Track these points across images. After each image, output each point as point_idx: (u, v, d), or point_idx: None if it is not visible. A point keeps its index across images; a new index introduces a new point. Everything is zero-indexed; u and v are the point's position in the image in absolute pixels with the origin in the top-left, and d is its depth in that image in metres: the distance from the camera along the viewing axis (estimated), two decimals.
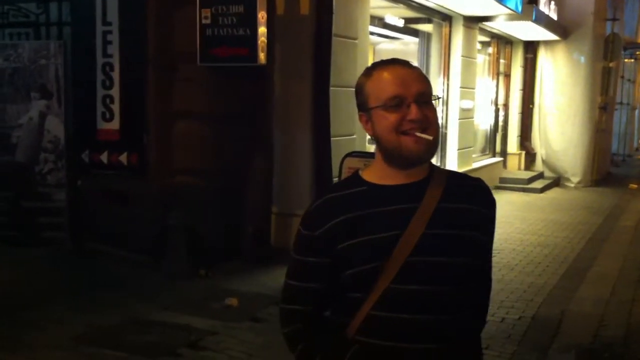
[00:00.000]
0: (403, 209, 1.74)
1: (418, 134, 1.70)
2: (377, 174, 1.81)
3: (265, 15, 6.18)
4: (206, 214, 6.57)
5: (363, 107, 1.80)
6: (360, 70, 8.31)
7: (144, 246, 6.53)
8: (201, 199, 6.53)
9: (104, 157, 6.91)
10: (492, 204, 1.88)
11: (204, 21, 6.21)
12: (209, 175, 6.59)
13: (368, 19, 8.27)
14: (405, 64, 1.78)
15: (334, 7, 7.03)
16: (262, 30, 6.13)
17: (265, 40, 6.21)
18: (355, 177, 1.85)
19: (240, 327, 5.06)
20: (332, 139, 7.13)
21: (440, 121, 11.47)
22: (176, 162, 6.71)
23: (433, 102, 1.77)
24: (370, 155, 8.15)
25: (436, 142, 1.75)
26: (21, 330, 4.89)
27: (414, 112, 1.69)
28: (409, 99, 1.70)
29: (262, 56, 6.16)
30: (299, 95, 7.21)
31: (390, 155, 1.76)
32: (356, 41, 7.81)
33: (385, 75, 1.75)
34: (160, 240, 6.49)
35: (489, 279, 1.92)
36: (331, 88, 7.11)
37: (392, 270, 1.70)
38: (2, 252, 6.92)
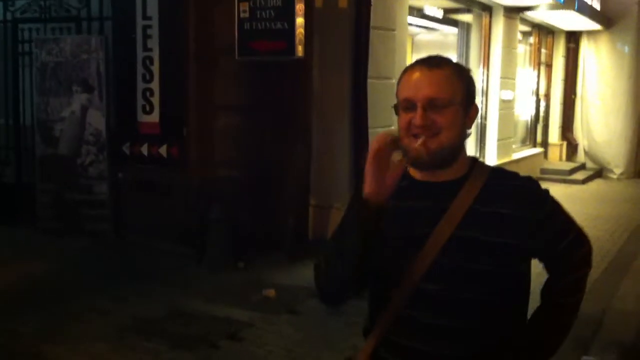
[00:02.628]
0: (436, 207, 1.72)
1: (417, 144, 1.68)
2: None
3: (303, 8, 6.18)
4: (246, 206, 6.62)
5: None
6: (398, 61, 8.23)
7: (185, 238, 6.60)
8: (241, 191, 6.57)
9: (144, 150, 7.01)
10: (540, 203, 1.79)
11: (242, 15, 6.23)
12: (248, 167, 6.64)
13: (407, 10, 8.21)
14: (431, 63, 1.74)
15: None
16: (300, 22, 6.14)
17: (303, 33, 6.21)
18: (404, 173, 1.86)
19: (279, 319, 5.10)
20: (370, 130, 7.11)
21: (479, 112, 11.37)
22: (216, 155, 6.78)
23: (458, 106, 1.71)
24: None
25: (446, 147, 1.70)
26: (65, 321, 4.99)
27: (417, 117, 1.67)
28: (417, 104, 1.68)
29: (299, 49, 6.16)
30: (338, 88, 7.18)
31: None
32: (394, 32, 7.75)
33: (408, 75, 1.75)
34: (201, 233, 6.56)
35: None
36: (369, 80, 7.07)
37: (419, 270, 1.70)
38: (45, 242, 7.07)
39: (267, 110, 6.71)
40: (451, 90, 1.71)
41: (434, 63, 1.74)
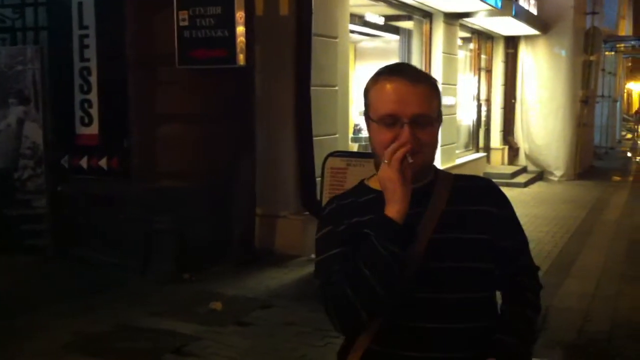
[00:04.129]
0: (409, 214, 1.66)
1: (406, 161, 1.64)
2: None
3: (243, 16, 6.12)
4: (191, 217, 6.50)
5: (366, 113, 1.76)
6: (341, 68, 8.24)
7: (129, 250, 6.46)
8: (186, 201, 6.46)
9: (83, 162, 6.86)
10: (503, 202, 1.83)
11: (181, 23, 6.14)
12: (192, 177, 6.53)
13: (348, 18, 8.24)
14: (412, 76, 1.70)
15: (313, 6, 7.00)
16: (240, 30, 6.08)
17: (245, 41, 6.16)
18: (362, 186, 1.84)
19: (225, 331, 5.02)
20: (314, 138, 7.10)
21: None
22: (159, 165, 6.65)
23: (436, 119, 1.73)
24: (353, 154, 8.06)
25: (426, 163, 1.72)
26: (6, 339, 4.81)
27: (404, 135, 1.64)
28: (404, 120, 1.64)
29: (241, 57, 6.11)
30: (281, 96, 7.17)
31: None
32: (336, 40, 7.77)
33: (387, 88, 1.68)
34: (145, 244, 6.43)
35: (524, 281, 1.85)
36: (312, 87, 7.08)
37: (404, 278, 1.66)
38: None
39: (211, 118, 6.62)
40: (433, 107, 1.71)
41: (414, 77, 1.69)
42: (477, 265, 1.72)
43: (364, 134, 11.00)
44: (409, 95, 1.66)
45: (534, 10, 13.57)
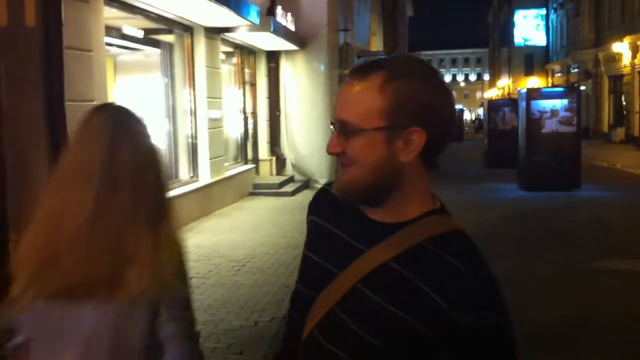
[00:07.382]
0: (355, 247, 1.37)
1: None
2: None
3: None
4: None
5: None
6: (98, 82, 7.93)
7: None
8: None
9: None
10: (478, 306, 1.25)
11: None
12: None
13: (103, 30, 7.97)
14: (361, 71, 1.33)
15: (63, 18, 6.68)
16: None
17: None
18: None
19: None
20: None
21: (189, 132, 11.47)
22: None
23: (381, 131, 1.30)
24: None
25: (356, 185, 1.33)
26: None
27: (330, 142, 1.37)
28: (336, 126, 1.36)
29: None
30: (31, 113, 6.72)
31: None
32: (91, 53, 7.49)
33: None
34: None
35: None
36: (67, 102, 6.75)
37: (317, 314, 1.38)
38: None
39: None
40: (362, 112, 1.30)
41: (363, 70, 1.33)
42: (378, 344, 1.29)
43: None
44: (341, 96, 1.35)
45: (291, 27, 14.15)
